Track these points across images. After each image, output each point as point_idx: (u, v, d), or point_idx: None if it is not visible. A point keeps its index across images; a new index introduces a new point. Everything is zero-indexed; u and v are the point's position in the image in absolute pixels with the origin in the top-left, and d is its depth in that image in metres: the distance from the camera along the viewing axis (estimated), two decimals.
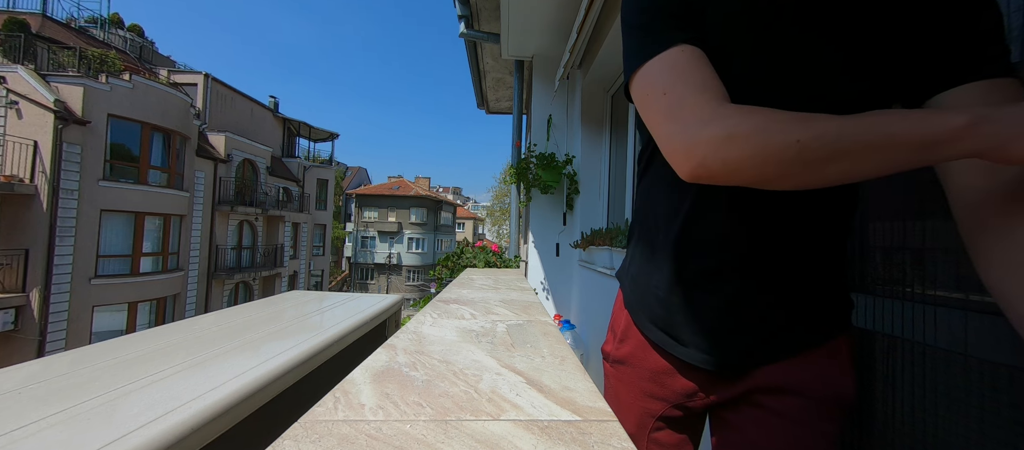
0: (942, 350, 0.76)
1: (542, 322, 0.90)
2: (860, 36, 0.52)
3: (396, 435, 0.40)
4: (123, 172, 10.75)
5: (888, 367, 0.85)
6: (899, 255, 0.87)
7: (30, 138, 9.05)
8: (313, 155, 22.60)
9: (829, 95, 0.53)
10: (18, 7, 14.15)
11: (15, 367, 0.67)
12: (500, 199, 25.86)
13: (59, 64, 10.98)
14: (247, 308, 1.12)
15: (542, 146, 3.46)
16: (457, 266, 3.52)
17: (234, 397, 0.61)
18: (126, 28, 19.84)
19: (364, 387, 0.50)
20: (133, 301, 10.90)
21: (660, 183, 0.68)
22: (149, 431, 0.48)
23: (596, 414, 0.46)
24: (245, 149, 15.14)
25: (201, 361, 0.73)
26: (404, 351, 0.65)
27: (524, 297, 1.18)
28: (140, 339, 0.83)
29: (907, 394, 0.80)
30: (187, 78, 15.03)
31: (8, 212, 8.94)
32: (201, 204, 13.15)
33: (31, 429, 0.48)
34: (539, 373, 0.58)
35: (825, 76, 0.53)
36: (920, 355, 0.79)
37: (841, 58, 0.52)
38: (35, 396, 0.57)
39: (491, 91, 5.29)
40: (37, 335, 9.05)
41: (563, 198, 3.40)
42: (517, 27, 3.12)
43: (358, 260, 32.77)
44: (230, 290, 14.61)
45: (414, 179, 40.92)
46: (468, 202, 63.12)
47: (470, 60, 4.34)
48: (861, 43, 0.52)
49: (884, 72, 0.52)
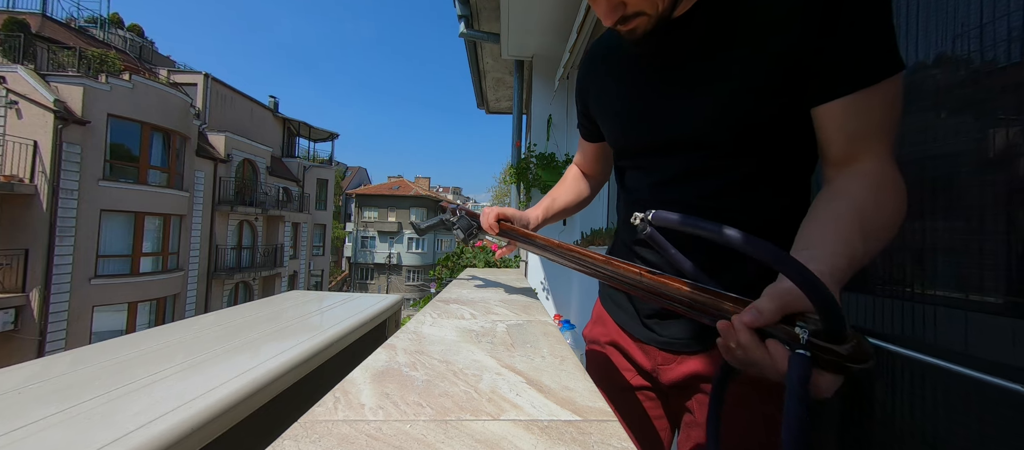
0: (942, 350, 0.76)
1: (542, 322, 0.90)
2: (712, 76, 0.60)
3: (396, 435, 0.40)
4: (123, 172, 10.74)
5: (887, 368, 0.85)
6: (899, 255, 0.87)
7: (30, 138, 9.04)
8: (313, 155, 22.59)
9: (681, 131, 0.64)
10: (18, 7, 14.15)
11: (15, 367, 0.67)
12: (500, 199, 25.84)
13: (59, 64, 10.97)
14: (247, 308, 1.12)
15: (542, 146, 3.46)
16: (457, 266, 3.52)
17: (234, 397, 0.61)
18: (126, 28, 19.83)
19: (364, 387, 0.50)
20: (133, 301, 10.89)
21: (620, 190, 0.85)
22: (149, 431, 0.48)
23: (596, 414, 0.46)
24: (245, 149, 15.13)
25: (201, 361, 0.73)
26: (404, 351, 0.65)
27: (524, 297, 1.18)
28: (140, 339, 0.83)
29: (907, 394, 0.80)
30: (187, 78, 15.02)
31: (8, 212, 8.93)
32: (201, 204, 13.14)
33: (31, 429, 0.48)
34: (539, 373, 0.58)
35: (677, 118, 0.64)
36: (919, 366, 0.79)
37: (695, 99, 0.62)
38: (35, 396, 0.57)
39: (491, 91, 5.29)
40: (37, 335, 9.04)
41: None
42: (517, 27, 3.12)
43: (358, 260, 32.76)
44: (230, 290, 14.60)
45: (414, 179, 40.88)
46: (468, 202, 63.11)
47: (470, 60, 4.34)
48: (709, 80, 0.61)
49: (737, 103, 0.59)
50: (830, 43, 0.50)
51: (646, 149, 0.71)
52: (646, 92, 0.68)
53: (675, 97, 0.64)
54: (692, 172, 0.65)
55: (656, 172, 0.70)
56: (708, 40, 0.60)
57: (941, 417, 0.74)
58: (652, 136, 0.68)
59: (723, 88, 0.59)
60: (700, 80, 0.61)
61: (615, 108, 0.75)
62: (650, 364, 0.75)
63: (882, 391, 0.83)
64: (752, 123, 0.58)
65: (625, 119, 0.72)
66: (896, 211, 0.51)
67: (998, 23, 0.78)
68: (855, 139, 0.52)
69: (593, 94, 0.81)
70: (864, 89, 0.50)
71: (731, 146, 0.61)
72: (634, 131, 0.71)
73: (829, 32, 0.50)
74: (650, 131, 0.68)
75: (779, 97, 0.56)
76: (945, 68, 0.89)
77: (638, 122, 0.70)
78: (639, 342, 0.76)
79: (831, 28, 0.50)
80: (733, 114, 0.59)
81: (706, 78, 0.60)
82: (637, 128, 0.70)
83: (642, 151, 0.72)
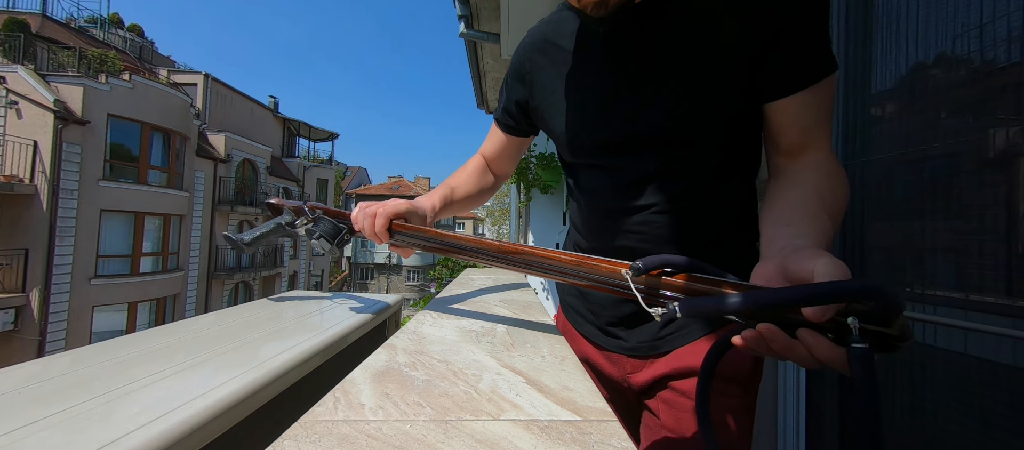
0: (941, 350, 0.75)
1: (542, 322, 0.90)
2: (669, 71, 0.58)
3: (396, 435, 0.40)
4: (123, 172, 10.74)
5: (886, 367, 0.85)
6: (900, 255, 0.87)
7: (30, 138, 9.04)
8: (313, 155, 22.58)
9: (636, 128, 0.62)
10: (18, 7, 14.15)
11: (15, 367, 0.67)
12: (500, 199, 25.82)
13: (59, 64, 10.98)
14: (247, 308, 1.12)
15: (542, 146, 3.46)
16: (457, 266, 3.52)
17: (234, 397, 0.61)
18: (126, 28, 19.83)
19: (364, 387, 0.50)
20: (133, 301, 10.89)
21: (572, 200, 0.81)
22: (149, 431, 0.48)
23: (596, 414, 0.46)
24: (245, 149, 15.13)
25: (201, 361, 0.73)
26: (404, 351, 0.65)
27: (524, 297, 1.18)
28: (140, 339, 0.83)
29: (906, 393, 0.80)
30: (187, 78, 15.02)
31: (8, 212, 8.93)
32: (201, 204, 13.14)
33: (31, 429, 0.48)
34: (539, 373, 0.58)
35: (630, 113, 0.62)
36: (920, 355, 0.78)
37: (648, 94, 0.60)
38: (35, 396, 0.57)
39: (491, 91, 5.29)
40: (37, 335, 9.04)
41: (563, 198, 3.40)
42: (517, 27, 3.11)
43: (358, 260, 32.76)
44: (230, 290, 14.60)
45: (414, 179, 40.85)
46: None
47: (470, 60, 4.34)
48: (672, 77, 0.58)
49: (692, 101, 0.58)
50: (787, 39, 0.52)
51: (607, 147, 0.65)
52: (609, 84, 0.62)
53: (644, 90, 0.60)
54: (660, 172, 0.62)
55: (620, 173, 0.64)
56: (677, 28, 0.57)
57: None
58: (617, 133, 0.63)
59: (698, 81, 0.57)
60: (672, 72, 0.58)
61: (572, 101, 0.67)
62: (619, 373, 0.72)
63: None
64: (724, 117, 0.58)
65: (584, 113, 0.66)
66: (845, 196, 0.54)
67: (998, 23, 0.78)
68: (806, 130, 0.55)
69: (540, 84, 0.72)
70: (816, 84, 0.53)
71: (703, 142, 0.60)
72: (595, 127, 0.65)
73: (785, 29, 0.52)
74: (615, 127, 0.63)
75: (746, 91, 0.56)
76: (945, 68, 0.89)
77: (599, 117, 0.64)
78: (605, 351, 0.74)
79: (786, 25, 0.52)
80: (709, 108, 0.57)
81: (679, 70, 0.57)
82: (598, 124, 0.64)
83: (602, 150, 0.66)
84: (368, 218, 0.70)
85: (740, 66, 0.55)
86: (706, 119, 0.58)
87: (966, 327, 0.71)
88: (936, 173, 0.88)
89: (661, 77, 0.58)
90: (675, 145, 0.60)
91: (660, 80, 0.58)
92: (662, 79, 0.58)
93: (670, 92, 0.58)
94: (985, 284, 0.74)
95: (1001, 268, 0.74)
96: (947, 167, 0.87)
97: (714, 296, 0.39)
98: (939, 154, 0.88)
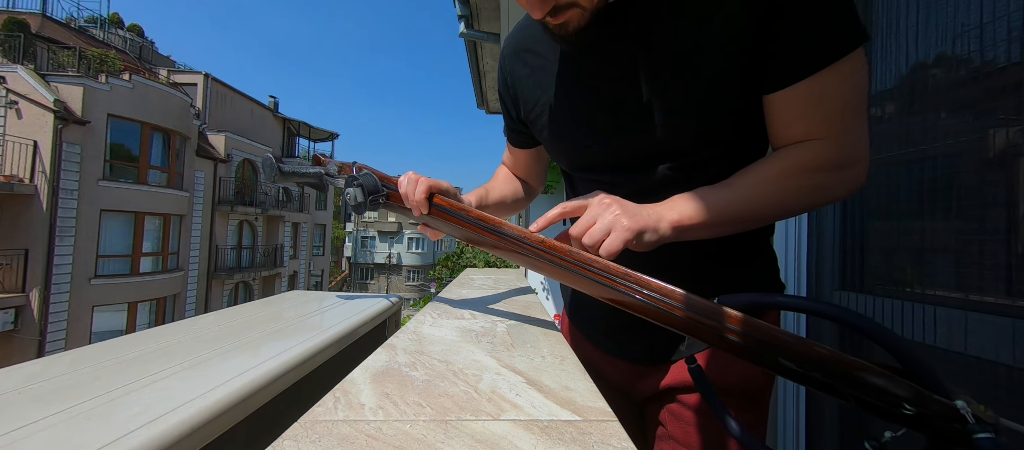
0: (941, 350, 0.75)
1: (542, 322, 0.89)
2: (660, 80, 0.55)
3: (396, 435, 0.40)
4: (123, 172, 10.74)
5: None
6: (900, 255, 0.87)
7: (30, 138, 9.04)
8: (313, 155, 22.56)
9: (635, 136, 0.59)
10: (18, 7, 14.14)
11: (15, 367, 0.67)
12: None
13: (59, 64, 10.97)
14: (247, 308, 1.12)
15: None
16: (457, 266, 3.52)
17: (234, 397, 0.61)
18: (126, 28, 19.84)
19: (364, 387, 0.50)
20: (133, 301, 10.89)
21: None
22: (149, 431, 0.48)
23: (596, 414, 0.46)
24: (245, 149, 15.13)
25: (201, 361, 0.73)
26: (404, 351, 0.65)
27: (524, 297, 1.18)
28: (140, 339, 0.83)
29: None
30: (187, 78, 15.02)
31: (8, 212, 8.93)
32: (201, 204, 13.14)
33: (31, 429, 0.48)
34: (539, 373, 0.58)
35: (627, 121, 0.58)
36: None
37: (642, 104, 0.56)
38: (35, 396, 0.57)
39: (491, 91, 5.29)
40: (37, 335, 9.04)
41: (563, 198, 3.39)
42: None
43: (358, 260, 32.77)
44: (230, 290, 14.59)
45: None
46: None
47: (470, 60, 4.34)
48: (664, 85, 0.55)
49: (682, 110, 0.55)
50: (783, 25, 0.46)
51: (603, 165, 0.62)
52: (593, 99, 0.59)
53: (633, 103, 0.56)
54: (661, 182, 0.58)
55: (618, 188, 0.60)
56: (657, 33, 0.52)
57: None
58: (610, 151, 0.60)
59: (691, 87, 0.52)
60: (661, 81, 0.53)
61: (558, 117, 0.63)
62: (623, 379, 0.72)
63: None
64: (724, 121, 0.54)
65: (572, 133, 0.63)
66: (810, 186, 0.51)
67: (998, 23, 0.79)
68: (813, 125, 0.49)
69: (523, 98, 0.69)
70: (821, 71, 0.46)
71: (704, 150, 0.56)
72: (585, 147, 0.62)
73: (780, 13, 0.46)
74: (607, 146, 0.60)
75: (745, 90, 0.51)
76: (945, 68, 0.89)
77: (587, 136, 0.61)
78: (609, 357, 0.73)
79: (782, 9, 0.46)
80: (704, 115, 0.53)
81: (668, 78, 0.53)
82: (588, 144, 0.61)
83: (598, 168, 0.63)
84: (412, 183, 0.68)
85: (735, 61, 0.50)
86: (701, 127, 0.54)
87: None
88: (936, 173, 0.88)
89: (649, 87, 0.54)
90: (670, 157, 0.57)
91: (648, 91, 0.54)
92: (650, 90, 0.54)
93: (661, 104, 0.54)
94: (985, 284, 0.75)
95: (1001, 268, 0.74)
96: (947, 167, 0.87)
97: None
98: (939, 154, 0.88)
